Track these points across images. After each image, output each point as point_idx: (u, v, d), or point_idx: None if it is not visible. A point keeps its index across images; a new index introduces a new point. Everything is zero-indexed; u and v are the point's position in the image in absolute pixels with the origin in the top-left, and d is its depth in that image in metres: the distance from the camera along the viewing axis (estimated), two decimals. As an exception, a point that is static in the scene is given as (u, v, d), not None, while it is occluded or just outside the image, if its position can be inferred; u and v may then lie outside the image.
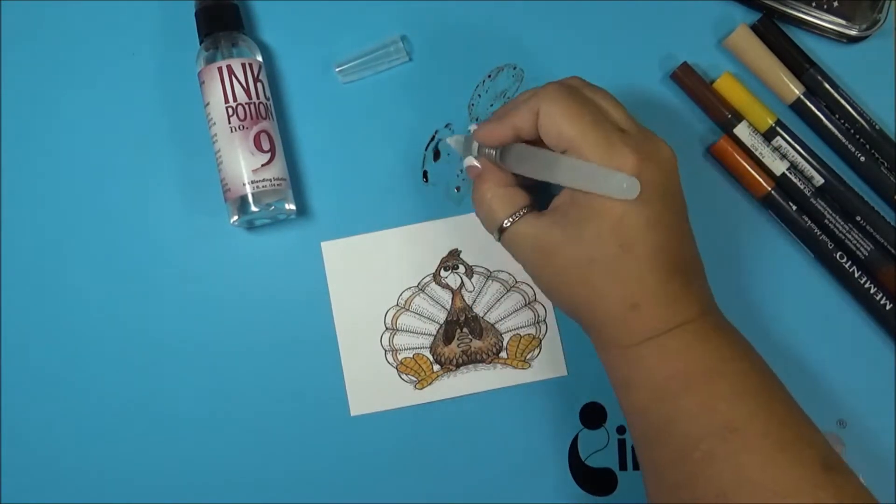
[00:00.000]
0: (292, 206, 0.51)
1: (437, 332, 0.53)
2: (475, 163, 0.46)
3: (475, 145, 0.46)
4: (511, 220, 0.44)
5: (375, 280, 0.53)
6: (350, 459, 0.52)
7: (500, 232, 0.45)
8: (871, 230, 0.51)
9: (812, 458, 0.39)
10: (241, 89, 0.49)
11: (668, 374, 0.40)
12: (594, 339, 0.44)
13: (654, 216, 0.40)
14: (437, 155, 0.53)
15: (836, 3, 0.52)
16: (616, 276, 0.40)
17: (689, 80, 0.52)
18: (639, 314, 0.40)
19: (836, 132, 0.52)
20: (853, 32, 0.52)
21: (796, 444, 0.39)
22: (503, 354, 0.53)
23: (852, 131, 0.52)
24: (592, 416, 0.52)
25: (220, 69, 0.49)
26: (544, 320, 0.53)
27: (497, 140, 0.44)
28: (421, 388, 0.52)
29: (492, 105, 0.53)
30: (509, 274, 0.53)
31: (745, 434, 0.39)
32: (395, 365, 0.52)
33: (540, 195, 0.46)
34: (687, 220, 0.43)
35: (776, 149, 0.52)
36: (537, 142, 0.43)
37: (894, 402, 0.52)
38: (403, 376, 0.52)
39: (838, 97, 0.52)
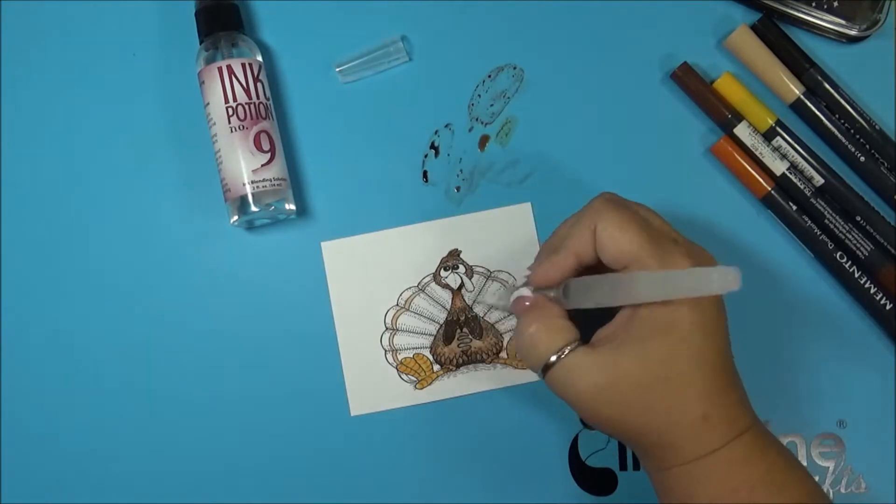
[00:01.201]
0: (292, 206, 0.51)
1: (437, 332, 0.53)
2: (527, 292, 0.42)
3: (524, 290, 0.43)
4: (560, 354, 0.40)
5: (375, 280, 0.53)
6: (350, 459, 0.52)
7: (546, 369, 0.41)
8: (871, 230, 0.51)
9: None
10: (241, 89, 0.49)
11: (733, 485, 0.39)
12: (654, 460, 0.42)
13: (713, 324, 0.40)
14: (437, 153, 0.53)
15: (836, 3, 0.52)
16: (689, 391, 0.39)
17: (689, 80, 0.52)
18: (710, 425, 0.39)
19: (836, 132, 0.52)
20: (853, 32, 0.52)
21: None
22: (503, 354, 0.53)
23: (852, 131, 0.52)
24: (592, 416, 0.52)
25: (220, 69, 0.49)
26: (544, 320, 0.52)
27: (560, 275, 0.42)
28: (421, 388, 0.52)
29: (492, 105, 0.53)
30: (509, 274, 0.53)
31: None
32: (395, 365, 0.52)
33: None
34: (727, 331, 0.42)
35: (776, 149, 0.52)
36: (593, 268, 0.42)
37: (894, 402, 0.52)
38: (403, 376, 0.52)
39: (838, 97, 0.52)
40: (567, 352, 0.40)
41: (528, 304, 0.43)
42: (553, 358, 0.40)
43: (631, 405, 0.40)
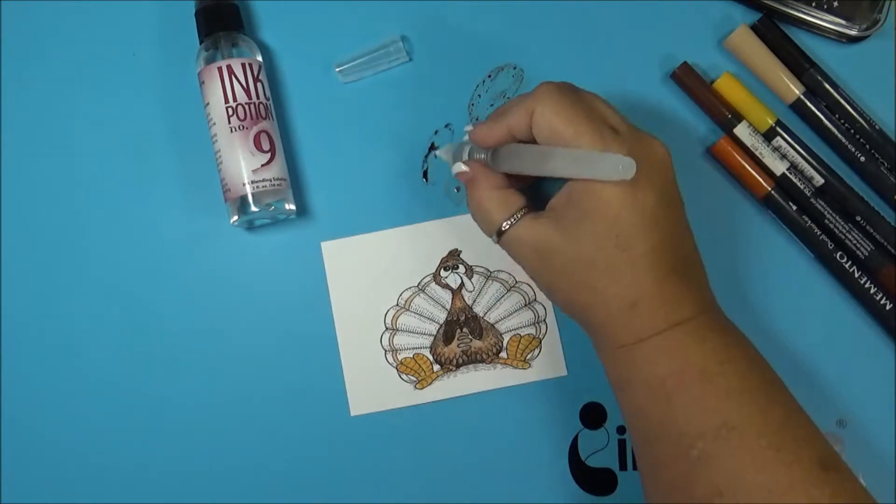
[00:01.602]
0: (292, 206, 0.51)
1: (437, 332, 0.53)
2: (464, 168, 0.46)
3: (466, 151, 0.46)
4: (509, 222, 0.44)
5: (375, 280, 0.53)
6: (350, 459, 0.52)
7: (499, 235, 0.44)
8: (871, 230, 0.51)
9: (809, 457, 0.39)
10: (241, 89, 0.49)
11: (664, 373, 0.40)
12: (593, 340, 0.44)
13: (650, 214, 0.40)
14: (436, 153, 0.53)
15: (836, 3, 0.52)
16: (614, 277, 0.41)
17: (689, 80, 0.52)
18: (637, 314, 0.41)
19: (836, 132, 0.52)
20: (853, 32, 0.52)
21: (793, 444, 0.39)
22: (503, 354, 0.53)
23: (852, 131, 0.52)
24: (592, 416, 0.52)
25: (220, 69, 0.49)
26: (544, 320, 0.53)
27: (493, 140, 0.44)
28: (421, 388, 0.52)
29: (492, 105, 0.53)
30: (509, 274, 0.53)
31: (742, 433, 0.39)
32: (395, 365, 0.52)
33: (535, 197, 0.46)
34: (684, 217, 0.43)
35: (776, 149, 0.52)
36: (531, 143, 0.43)
37: (894, 402, 0.52)
38: (403, 376, 0.52)
39: (838, 97, 0.52)
40: (515, 220, 0.44)
41: (471, 173, 0.45)
42: (505, 225, 0.44)
43: (564, 279, 0.42)
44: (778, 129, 0.52)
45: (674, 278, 0.41)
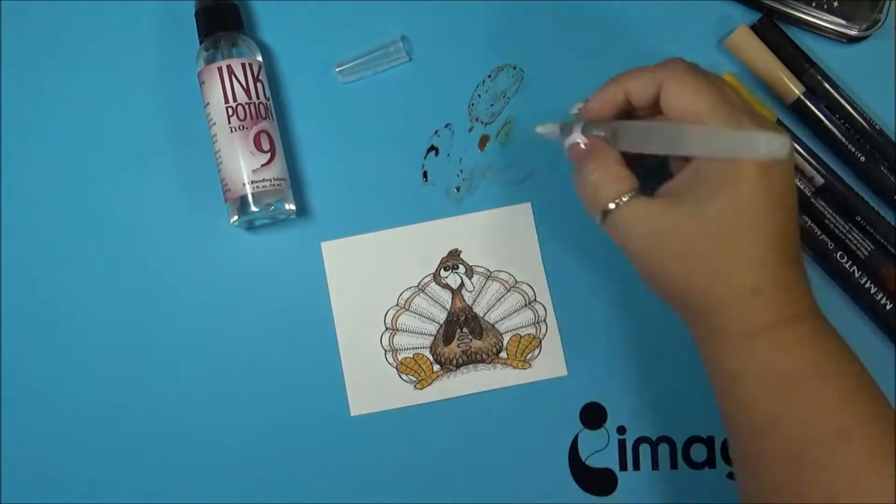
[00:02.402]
0: (292, 206, 0.51)
1: (437, 332, 0.53)
2: (580, 139, 0.43)
3: (578, 128, 0.43)
4: (619, 201, 0.41)
5: (375, 280, 0.53)
6: (350, 459, 0.52)
7: (605, 214, 0.41)
8: (871, 230, 0.51)
9: None
10: (241, 89, 0.49)
11: (782, 368, 0.39)
12: (702, 328, 0.41)
13: (778, 197, 0.39)
14: (437, 153, 0.53)
15: (836, 3, 0.52)
16: (740, 257, 0.38)
17: (689, 80, 0.52)
18: (758, 301, 0.38)
19: (836, 132, 0.52)
20: (853, 32, 0.52)
21: None
22: (503, 354, 0.53)
23: (852, 131, 0.52)
24: (592, 416, 0.52)
25: (220, 69, 0.49)
26: (544, 320, 0.53)
27: (609, 108, 0.43)
28: (421, 388, 0.52)
29: (492, 105, 0.53)
30: (509, 274, 0.53)
31: (858, 439, 0.37)
32: (395, 365, 0.52)
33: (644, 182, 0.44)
34: (798, 210, 0.41)
35: (776, 149, 0.52)
36: (640, 115, 0.42)
37: (894, 402, 0.51)
38: (403, 376, 0.52)
39: (838, 97, 0.52)
40: (626, 199, 0.41)
41: (584, 148, 0.43)
42: (612, 205, 0.41)
43: (681, 260, 0.39)
44: (778, 129, 0.52)
45: (792, 269, 0.39)
